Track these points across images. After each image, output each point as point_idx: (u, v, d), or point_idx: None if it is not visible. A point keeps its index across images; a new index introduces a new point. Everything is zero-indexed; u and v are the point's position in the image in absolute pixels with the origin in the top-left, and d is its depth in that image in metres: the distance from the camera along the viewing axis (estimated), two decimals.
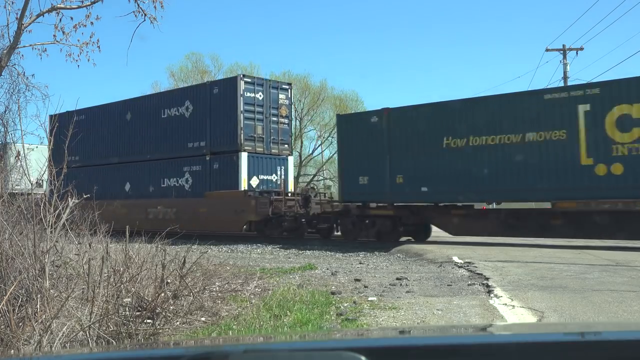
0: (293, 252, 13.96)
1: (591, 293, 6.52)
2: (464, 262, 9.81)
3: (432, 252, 11.78)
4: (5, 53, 10.32)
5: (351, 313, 5.73)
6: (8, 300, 4.05)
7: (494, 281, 7.61)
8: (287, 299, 6.39)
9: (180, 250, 6.88)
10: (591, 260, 9.80)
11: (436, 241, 14.02)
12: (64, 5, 10.14)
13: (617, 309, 5.66)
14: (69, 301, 4.30)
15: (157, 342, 4.25)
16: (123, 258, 5.64)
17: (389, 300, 6.54)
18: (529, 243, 13.32)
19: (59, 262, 5.15)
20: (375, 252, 13.27)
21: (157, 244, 6.39)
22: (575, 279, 7.70)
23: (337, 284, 8.12)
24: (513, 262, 9.64)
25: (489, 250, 11.92)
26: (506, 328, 2.87)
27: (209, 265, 7.62)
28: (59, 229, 5.15)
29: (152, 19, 9.97)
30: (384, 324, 5.27)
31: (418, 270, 9.59)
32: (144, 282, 5.40)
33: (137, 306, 4.98)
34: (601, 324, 3.86)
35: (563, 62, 27.07)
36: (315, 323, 5.21)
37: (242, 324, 5.20)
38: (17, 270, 4.72)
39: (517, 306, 5.86)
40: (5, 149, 11.51)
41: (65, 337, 3.91)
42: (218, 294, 6.74)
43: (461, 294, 6.90)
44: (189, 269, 5.85)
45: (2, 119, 12.02)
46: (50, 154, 5.72)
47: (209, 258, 8.05)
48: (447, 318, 5.49)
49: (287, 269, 10.10)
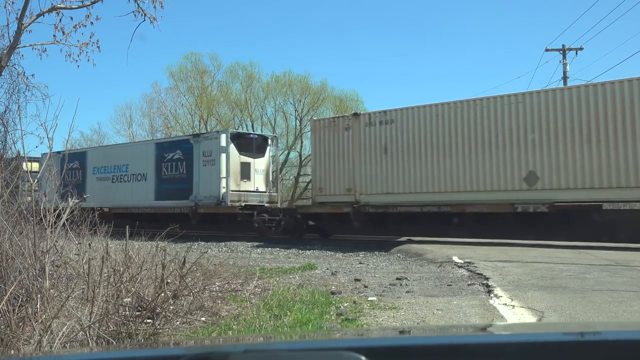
0: (293, 252, 13.96)
1: (591, 293, 6.52)
2: (464, 262, 9.81)
3: (432, 252, 11.78)
4: (5, 53, 10.31)
5: (351, 313, 5.73)
6: (8, 300, 4.05)
7: (494, 281, 7.61)
8: (287, 299, 6.39)
9: (180, 250, 6.89)
10: (591, 260, 9.80)
11: (436, 241, 14.02)
12: (64, 5, 10.14)
13: (617, 309, 5.66)
14: (69, 301, 4.30)
15: (157, 342, 4.25)
16: (123, 258, 5.64)
17: (389, 300, 6.54)
18: (529, 243, 13.33)
19: (59, 262, 5.15)
20: (375, 252, 13.28)
21: (157, 243, 6.40)
22: (575, 279, 7.70)
23: (337, 284, 8.13)
24: (513, 262, 9.64)
25: (489, 250, 11.93)
26: (506, 328, 2.87)
27: (209, 265, 7.62)
28: (59, 228, 5.16)
29: (152, 19, 9.97)
30: (384, 324, 5.27)
31: (418, 270, 9.60)
32: (144, 282, 5.40)
33: (137, 306, 4.98)
34: (601, 324, 3.86)
35: (563, 62, 27.06)
36: (315, 323, 5.20)
37: (242, 324, 5.20)
38: (17, 270, 4.72)
39: (517, 306, 5.86)
40: (5, 149, 11.50)
41: (65, 337, 3.91)
42: (218, 294, 6.74)
43: (461, 294, 6.90)
44: (189, 269, 5.85)
45: (2, 119, 12.01)
46: (50, 154, 5.73)
47: (209, 258, 8.05)
48: (447, 318, 5.49)
49: (287, 269, 10.10)
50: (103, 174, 22.72)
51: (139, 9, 9.94)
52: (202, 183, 19.21)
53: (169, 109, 43.83)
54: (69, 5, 10.18)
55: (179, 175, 20.02)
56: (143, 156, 21.34)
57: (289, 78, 41.78)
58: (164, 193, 20.46)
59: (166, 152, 20.50)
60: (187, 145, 19.98)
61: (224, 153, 18.77)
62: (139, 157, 21.53)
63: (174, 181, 20.23)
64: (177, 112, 43.72)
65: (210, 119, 42.40)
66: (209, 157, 19.10)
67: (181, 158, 19.96)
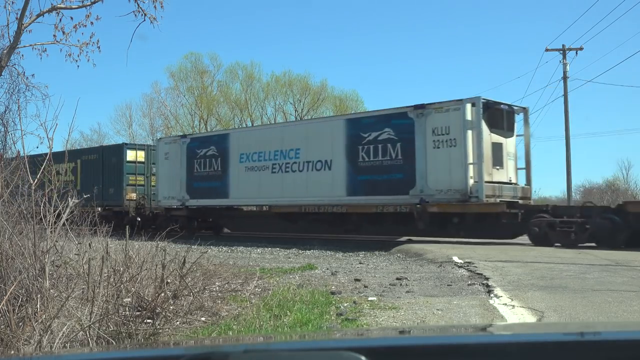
0: (293, 252, 13.96)
1: (591, 293, 6.52)
2: (464, 262, 9.81)
3: (432, 252, 11.78)
4: (5, 53, 10.31)
5: (351, 313, 5.72)
6: (8, 300, 4.05)
7: (494, 281, 7.61)
8: (287, 299, 6.39)
9: (180, 250, 6.89)
10: (591, 260, 9.80)
11: (436, 241, 14.01)
12: (64, 5, 10.14)
13: (617, 309, 5.66)
14: (69, 301, 4.30)
15: (157, 342, 4.25)
16: (123, 258, 5.64)
17: (389, 300, 6.54)
18: (529, 243, 13.33)
19: (59, 262, 5.15)
20: (375, 252, 13.28)
21: (157, 243, 6.40)
22: (575, 278, 7.70)
23: (337, 284, 8.13)
24: (513, 262, 9.64)
25: (489, 250, 11.92)
26: (506, 328, 2.87)
27: (209, 265, 7.62)
28: (59, 228, 5.16)
29: (152, 19, 9.97)
30: (384, 324, 5.27)
31: (418, 270, 9.59)
32: (144, 282, 5.41)
33: (137, 306, 4.99)
34: (601, 324, 3.86)
35: (563, 62, 27.06)
36: (315, 323, 5.20)
37: (242, 324, 5.20)
38: (17, 270, 4.72)
39: (517, 306, 5.85)
40: (5, 149, 11.50)
41: (65, 337, 3.91)
42: (218, 294, 6.74)
43: (461, 294, 6.90)
44: (189, 269, 5.85)
45: (2, 119, 12.00)
46: (51, 155, 5.71)
47: (209, 258, 8.05)
48: (447, 318, 5.48)
49: (287, 269, 10.10)
50: (256, 162, 17.79)
51: (139, 9, 9.93)
52: (431, 172, 14.31)
53: (169, 109, 43.89)
54: (69, 5, 10.18)
55: (390, 161, 15.02)
56: (325, 137, 16.31)
57: (289, 78, 41.87)
58: (362, 186, 15.52)
59: (365, 131, 15.47)
60: (402, 120, 14.89)
61: (471, 130, 13.84)
62: (317, 138, 16.50)
63: (380, 170, 15.19)
64: (177, 112, 43.77)
65: (210, 119, 42.43)
66: (445, 135, 14.09)
67: (392, 138, 14.99)
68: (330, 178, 16.05)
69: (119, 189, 22.06)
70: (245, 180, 18.02)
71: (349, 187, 15.74)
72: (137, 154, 22.50)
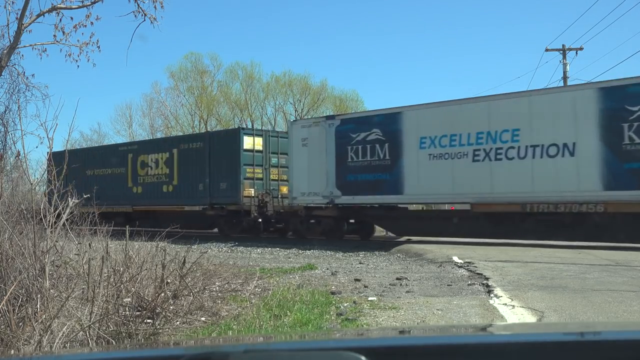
0: (293, 252, 13.96)
1: (591, 293, 6.52)
2: (464, 262, 9.81)
3: (432, 252, 11.78)
4: (5, 53, 10.32)
5: (351, 313, 5.73)
6: (8, 300, 4.06)
7: (494, 281, 7.61)
8: (287, 299, 6.39)
9: (180, 250, 6.89)
10: (591, 260, 9.80)
11: (436, 241, 14.02)
12: (64, 5, 10.14)
13: (617, 309, 5.66)
14: (69, 301, 4.30)
15: (157, 342, 4.25)
16: (123, 258, 5.64)
17: (389, 300, 6.54)
18: (530, 243, 13.33)
19: (59, 262, 5.15)
20: (376, 252, 13.28)
21: (157, 243, 6.40)
22: (575, 278, 7.70)
23: (337, 284, 8.13)
24: (513, 262, 9.64)
25: (489, 250, 11.92)
26: (506, 328, 2.87)
27: (209, 265, 7.62)
28: (59, 228, 5.16)
29: (152, 19, 9.97)
30: (384, 324, 5.27)
31: (418, 270, 9.60)
32: (144, 282, 5.41)
33: (137, 306, 4.99)
34: (601, 324, 3.86)
35: (563, 62, 27.05)
36: (315, 323, 5.20)
37: (242, 324, 5.20)
38: (17, 270, 4.72)
39: (517, 306, 5.86)
40: (5, 149, 11.50)
41: (65, 337, 3.91)
42: (218, 294, 6.74)
43: (461, 294, 6.90)
44: (189, 269, 5.86)
45: (2, 119, 12.01)
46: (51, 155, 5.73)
47: (209, 258, 8.05)
48: (447, 318, 5.49)
49: (287, 269, 10.10)
50: (446, 147, 14.06)
51: (139, 9, 9.94)
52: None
53: (169, 109, 43.89)
54: (69, 5, 10.18)
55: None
56: (561, 113, 12.59)
57: (289, 78, 41.87)
58: (629, 177, 11.79)
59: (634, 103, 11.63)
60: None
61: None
62: (549, 115, 12.75)
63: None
64: (177, 112, 43.78)
65: (210, 119, 42.44)
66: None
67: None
68: (571, 167, 12.37)
69: (234, 184, 18.15)
70: (429, 170, 14.17)
71: (606, 178, 11.98)
72: (254, 140, 18.63)
